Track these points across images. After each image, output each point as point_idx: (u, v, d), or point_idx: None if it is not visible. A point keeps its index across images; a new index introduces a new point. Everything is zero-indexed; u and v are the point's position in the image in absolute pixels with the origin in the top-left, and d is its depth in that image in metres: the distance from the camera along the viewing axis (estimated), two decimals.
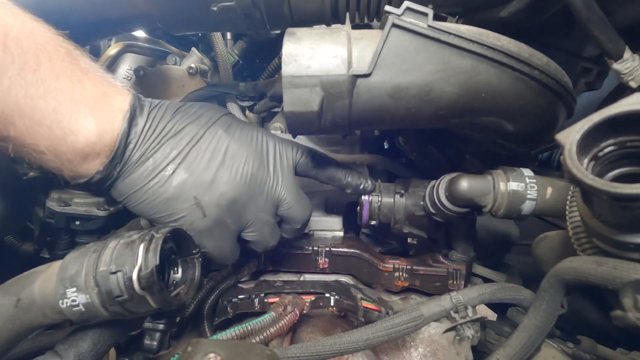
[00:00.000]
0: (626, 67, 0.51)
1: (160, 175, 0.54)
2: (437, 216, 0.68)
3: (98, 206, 0.94)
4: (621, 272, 0.36)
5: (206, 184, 0.56)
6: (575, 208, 0.47)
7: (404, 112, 0.55)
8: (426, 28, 0.51)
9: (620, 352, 0.65)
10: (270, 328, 0.60)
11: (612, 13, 0.59)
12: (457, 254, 0.78)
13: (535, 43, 0.54)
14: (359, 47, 0.53)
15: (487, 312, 0.96)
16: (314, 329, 0.71)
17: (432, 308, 0.57)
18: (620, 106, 0.34)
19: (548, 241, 0.63)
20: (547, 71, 0.52)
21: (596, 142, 0.37)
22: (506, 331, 0.75)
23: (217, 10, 0.57)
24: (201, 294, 0.73)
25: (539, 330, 0.48)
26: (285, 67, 0.53)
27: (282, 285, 0.75)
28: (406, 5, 0.51)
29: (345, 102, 0.54)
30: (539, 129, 0.59)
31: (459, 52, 0.51)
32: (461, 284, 0.76)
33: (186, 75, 0.87)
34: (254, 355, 0.45)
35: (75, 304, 0.44)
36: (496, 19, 0.60)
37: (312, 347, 0.54)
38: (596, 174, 0.35)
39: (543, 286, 0.48)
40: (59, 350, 0.48)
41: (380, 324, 0.56)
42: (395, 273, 0.78)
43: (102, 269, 0.44)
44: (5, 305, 0.45)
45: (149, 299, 0.45)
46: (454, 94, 0.53)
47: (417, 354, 0.70)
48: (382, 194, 0.73)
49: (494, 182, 0.60)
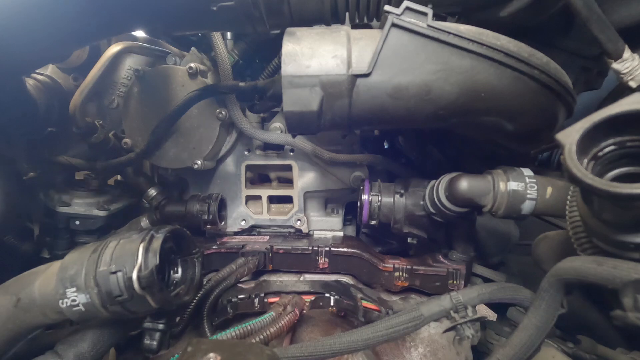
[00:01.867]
0: (626, 67, 0.51)
1: None
2: (437, 216, 0.68)
3: (98, 206, 0.94)
4: (621, 272, 0.36)
5: None
6: (575, 208, 0.47)
7: (403, 111, 0.55)
8: (426, 28, 0.51)
9: (620, 352, 0.65)
10: (270, 328, 0.60)
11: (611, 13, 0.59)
12: (457, 254, 0.78)
13: (535, 43, 0.54)
14: (359, 46, 0.53)
15: (487, 312, 0.96)
16: (314, 329, 0.71)
17: (432, 308, 0.57)
18: (620, 106, 0.34)
19: (548, 241, 0.63)
20: (546, 71, 0.52)
21: (596, 142, 0.37)
22: (506, 331, 0.75)
23: (217, 10, 0.57)
24: (201, 293, 0.73)
25: (539, 330, 0.48)
26: (285, 66, 0.53)
27: (282, 285, 0.75)
28: (406, 5, 0.51)
29: (344, 102, 0.54)
30: (538, 128, 0.59)
31: (458, 51, 0.51)
32: (461, 283, 0.76)
33: (186, 76, 0.87)
34: (254, 355, 0.45)
35: (75, 304, 0.44)
36: (496, 19, 0.60)
37: (312, 347, 0.54)
38: (596, 173, 0.35)
39: (543, 286, 0.48)
40: (59, 350, 0.48)
41: (380, 324, 0.56)
42: (395, 273, 0.78)
43: (102, 268, 0.44)
44: (5, 305, 0.45)
45: (149, 299, 0.45)
46: (453, 94, 0.53)
47: (417, 354, 0.70)
48: (382, 194, 0.73)
49: (493, 182, 0.60)
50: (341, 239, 0.89)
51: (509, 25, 0.59)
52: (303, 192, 0.94)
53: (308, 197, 0.96)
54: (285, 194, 0.95)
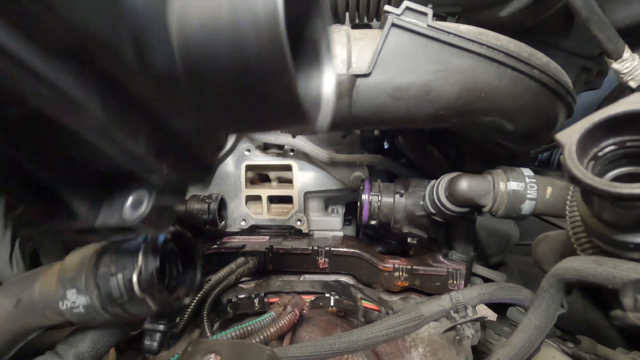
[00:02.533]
0: (626, 67, 0.51)
1: None
2: (437, 216, 0.68)
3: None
4: (621, 272, 0.36)
5: None
6: (575, 208, 0.47)
7: (403, 111, 0.55)
8: (426, 28, 0.51)
9: (620, 352, 0.65)
10: (270, 328, 0.60)
11: (611, 13, 0.59)
12: (457, 254, 0.78)
13: (535, 43, 0.54)
14: (359, 46, 0.53)
15: (487, 312, 0.96)
16: (314, 328, 0.71)
17: (432, 308, 0.57)
18: (620, 106, 0.34)
19: (548, 241, 0.63)
20: (546, 71, 0.52)
21: (596, 142, 0.37)
22: (506, 331, 0.75)
23: None
24: (201, 294, 0.73)
25: (539, 330, 0.48)
26: None
27: (282, 285, 0.75)
28: (406, 5, 0.51)
29: (344, 102, 0.54)
30: (538, 128, 0.59)
31: (458, 51, 0.51)
32: (461, 283, 0.76)
33: None
34: (254, 355, 0.45)
35: (76, 306, 0.44)
36: (496, 19, 0.60)
37: (312, 347, 0.54)
38: (596, 173, 0.35)
39: (543, 286, 0.48)
40: (59, 350, 0.48)
41: (380, 323, 0.56)
42: (395, 273, 0.78)
43: (102, 270, 0.44)
44: (5, 306, 0.45)
45: (149, 301, 0.44)
46: (453, 94, 0.53)
47: (417, 354, 0.70)
48: (382, 194, 0.73)
49: (493, 182, 0.60)
50: (341, 239, 0.89)
51: (509, 25, 0.59)
52: (303, 192, 0.94)
53: (308, 197, 0.96)
54: (285, 194, 0.95)
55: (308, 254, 0.81)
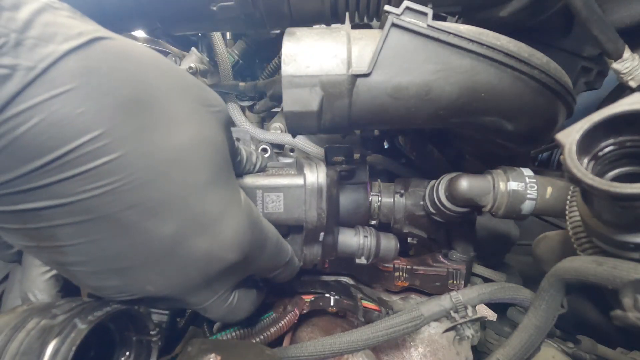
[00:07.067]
0: (626, 67, 0.51)
1: None
2: (437, 216, 0.68)
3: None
4: (621, 272, 0.36)
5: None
6: (575, 208, 0.47)
7: (403, 111, 0.55)
8: (425, 28, 0.51)
9: (620, 352, 0.65)
10: (270, 328, 0.59)
11: (611, 13, 0.59)
12: (457, 253, 0.78)
13: (535, 43, 0.54)
14: (359, 46, 0.53)
15: (487, 312, 0.96)
16: (314, 329, 0.71)
17: (432, 308, 0.57)
18: (620, 106, 0.34)
19: (548, 241, 0.63)
20: (546, 71, 0.52)
21: (596, 142, 0.37)
22: (506, 331, 0.75)
23: (217, 10, 0.57)
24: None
25: (539, 330, 0.48)
26: (285, 66, 0.53)
27: (282, 285, 0.75)
28: (406, 4, 0.51)
29: (344, 102, 0.54)
30: (538, 128, 0.59)
31: (458, 51, 0.51)
32: (461, 283, 0.76)
33: None
34: (254, 355, 0.45)
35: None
36: (496, 19, 0.60)
37: (312, 347, 0.54)
38: (596, 173, 0.35)
39: (543, 286, 0.48)
40: None
41: (380, 323, 0.56)
42: (395, 273, 0.78)
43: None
44: None
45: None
46: (453, 94, 0.53)
47: (417, 354, 0.70)
48: (382, 194, 0.73)
49: (493, 182, 0.60)
50: None
51: (509, 25, 0.59)
52: None
53: None
54: None
55: None
